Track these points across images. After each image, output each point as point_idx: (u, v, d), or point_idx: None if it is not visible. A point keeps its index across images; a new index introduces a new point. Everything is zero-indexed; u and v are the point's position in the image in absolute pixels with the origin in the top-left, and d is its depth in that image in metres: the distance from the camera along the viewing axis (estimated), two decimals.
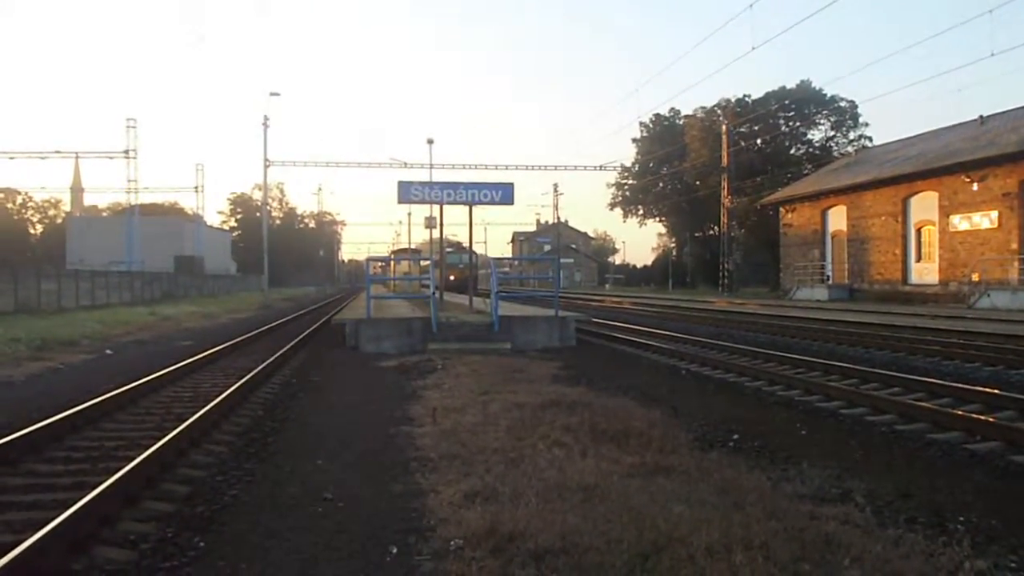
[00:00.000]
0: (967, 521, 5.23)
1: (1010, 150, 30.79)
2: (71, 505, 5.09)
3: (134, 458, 6.48)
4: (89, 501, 5.18)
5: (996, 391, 10.06)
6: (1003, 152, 31.13)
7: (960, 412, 8.82)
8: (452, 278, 42.61)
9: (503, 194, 19.83)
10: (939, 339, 17.16)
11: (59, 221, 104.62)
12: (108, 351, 18.25)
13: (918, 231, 37.21)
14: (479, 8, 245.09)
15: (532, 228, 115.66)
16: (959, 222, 33.79)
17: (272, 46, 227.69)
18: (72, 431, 8.43)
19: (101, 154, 60.63)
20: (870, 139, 64.95)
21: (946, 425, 8.40)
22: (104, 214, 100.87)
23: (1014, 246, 30.84)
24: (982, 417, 8.49)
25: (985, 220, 32.44)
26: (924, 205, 36.30)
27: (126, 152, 58.16)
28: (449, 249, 49.81)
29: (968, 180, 32.90)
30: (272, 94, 65.42)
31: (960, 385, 10.59)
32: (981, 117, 39.25)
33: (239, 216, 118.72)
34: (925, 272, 36.39)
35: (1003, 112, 38.28)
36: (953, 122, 42.43)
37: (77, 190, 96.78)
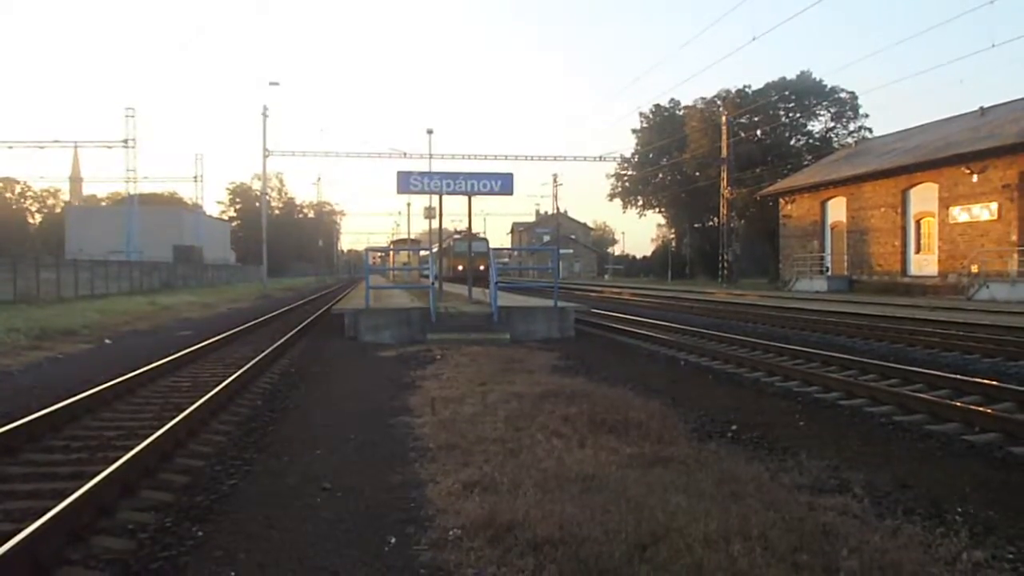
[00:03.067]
0: (965, 512, 5.24)
1: (1010, 141, 30.70)
2: (70, 494, 5.09)
3: (133, 447, 6.48)
4: (88, 490, 5.18)
5: (995, 382, 10.06)
6: (1003, 144, 31.04)
7: (959, 403, 8.82)
8: (461, 268, 39.69)
9: (502, 184, 19.81)
10: (938, 330, 17.16)
11: (58, 211, 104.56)
12: (107, 341, 18.24)
13: (917, 223, 37.17)
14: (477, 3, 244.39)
15: (531, 219, 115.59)
16: (959, 214, 33.74)
17: (271, 35, 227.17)
18: (71, 420, 8.43)
19: (100, 144, 60.56)
20: (870, 130, 64.84)
21: (944, 416, 8.41)
22: (103, 204, 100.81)
23: (1014, 238, 30.79)
24: (981, 408, 8.51)
25: (985, 212, 32.39)
26: (924, 197, 36.24)
27: (125, 142, 58.12)
28: (458, 236, 45.65)
29: (968, 172, 32.83)
30: (271, 84, 65.59)
31: (959, 376, 10.59)
32: (981, 108, 39.16)
33: (238, 206, 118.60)
34: (924, 264, 36.36)
35: (1003, 103, 38.16)
36: (953, 113, 42.38)
37: (76, 180, 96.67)
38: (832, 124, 69.01)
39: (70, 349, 16.20)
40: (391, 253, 43.59)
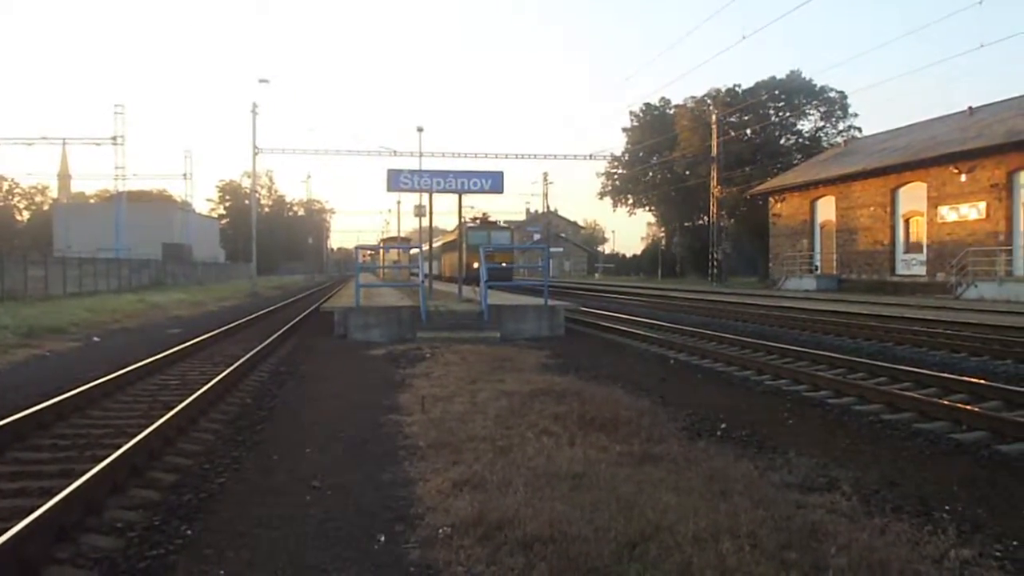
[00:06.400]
0: (952, 510, 5.27)
1: (998, 141, 30.87)
2: (57, 493, 5.07)
3: (121, 446, 6.45)
4: (75, 489, 5.16)
5: (982, 381, 10.12)
6: (991, 143, 31.20)
7: (946, 402, 8.86)
8: (477, 266, 27.74)
9: (492, 182, 19.82)
10: (926, 329, 17.23)
11: (46, 208, 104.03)
12: (95, 338, 18.17)
13: (906, 222, 37.31)
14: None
15: (522, 217, 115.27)
16: (947, 213, 33.89)
17: (261, 32, 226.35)
18: (59, 419, 8.39)
19: (88, 140, 60.11)
20: (859, 129, 65.20)
21: (932, 415, 8.45)
22: (92, 201, 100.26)
23: (1001, 237, 30.96)
24: (968, 407, 8.55)
25: (973, 211, 32.53)
26: (912, 196, 36.38)
27: (114, 138, 57.68)
28: (472, 224, 36.36)
29: (956, 171, 32.98)
30: (261, 81, 65.00)
31: (946, 375, 10.64)
32: (970, 108, 39.35)
33: (228, 204, 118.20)
34: (913, 263, 36.52)
35: (992, 103, 38.37)
36: (942, 113, 42.59)
37: (64, 176, 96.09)
38: (822, 123, 69.42)
39: (58, 347, 16.13)
40: (381, 251, 43.41)
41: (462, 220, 23.91)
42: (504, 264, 30.86)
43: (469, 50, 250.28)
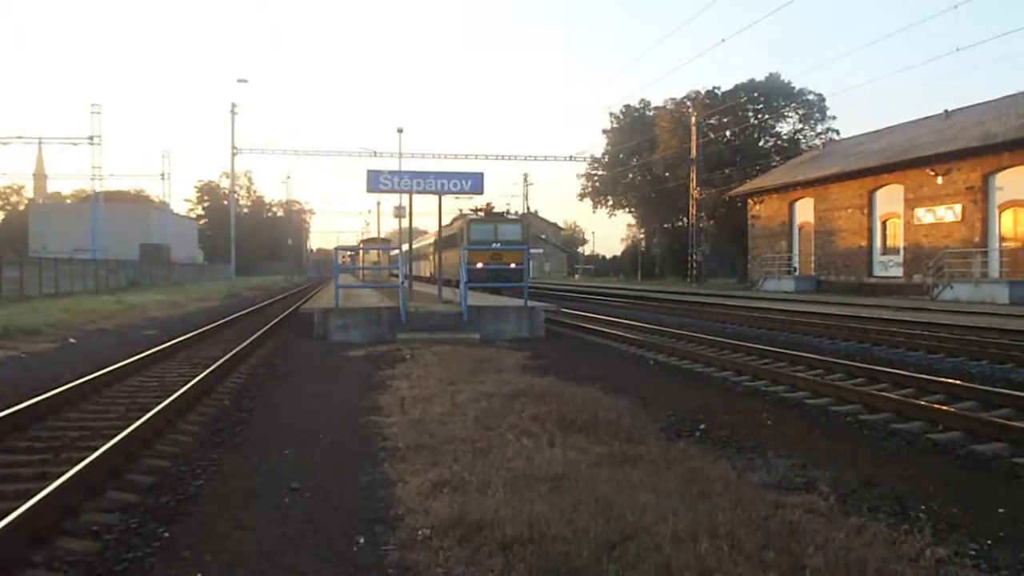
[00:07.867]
0: (929, 510, 5.32)
1: (973, 144, 31.18)
2: (33, 496, 5.01)
3: (98, 448, 6.40)
4: (51, 491, 5.10)
5: (958, 382, 10.23)
6: (967, 146, 31.52)
7: (923, 402, 8.95)
8: (480, 265, 27.23)
9: (472, 183, 19.80)
10: (903, 330, 17.39)
11: (21, 208, 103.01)
12: (72, 340, 17.98)
13: (883, 223, 37.60)
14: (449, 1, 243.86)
15: None
16: (923, 215, 34.19)
17: (240, 32, 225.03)
18: (35, 420, 8.30)
19: (65, 140, 59.68)
20: (837, 132, 65.55)
21: (909, 415, 8.52)
22: (68, 201, 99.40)
23: (977, 239, 31.29)
24: (944, 407, 8.63)
25: (949, 213, 32.84)
26: (889, 198, 36.70)
27: (90, 138, 57.23)
28: (475, 216, 32.53)
29: (933, 174, 33.29)
30: (240, 81, 64.78)
31: (923, 376, 10.74)
32: (946, 111, 39.67)
33: (206, 204, 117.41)
34: (890, 264, 36.82)
35: (967, 107, 38.73)
36: (919, 116, 42.97)
37: (40, 176, 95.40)
38: (800, 125, 69.67)
39: (34, 348, 15.95)
40: (361, 252, 43.17)
41: (461, 213, 23.72)
42: (514, 265, 26.86)
43: (450, 52, 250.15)
